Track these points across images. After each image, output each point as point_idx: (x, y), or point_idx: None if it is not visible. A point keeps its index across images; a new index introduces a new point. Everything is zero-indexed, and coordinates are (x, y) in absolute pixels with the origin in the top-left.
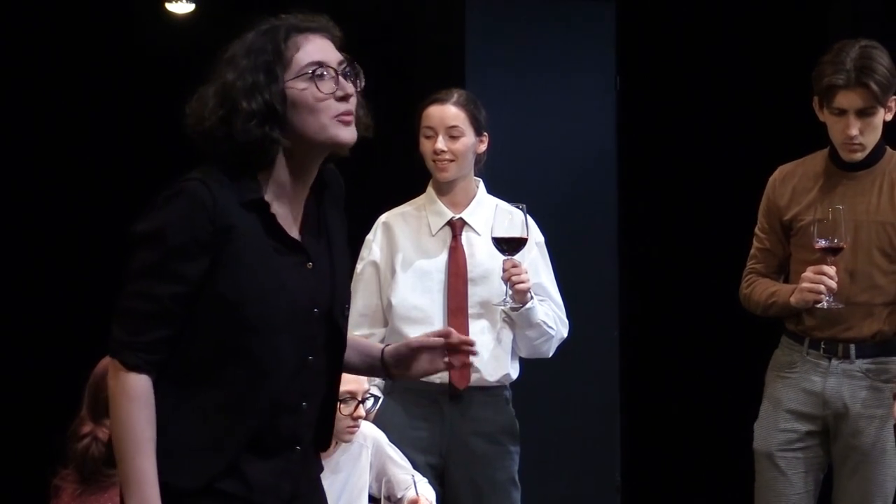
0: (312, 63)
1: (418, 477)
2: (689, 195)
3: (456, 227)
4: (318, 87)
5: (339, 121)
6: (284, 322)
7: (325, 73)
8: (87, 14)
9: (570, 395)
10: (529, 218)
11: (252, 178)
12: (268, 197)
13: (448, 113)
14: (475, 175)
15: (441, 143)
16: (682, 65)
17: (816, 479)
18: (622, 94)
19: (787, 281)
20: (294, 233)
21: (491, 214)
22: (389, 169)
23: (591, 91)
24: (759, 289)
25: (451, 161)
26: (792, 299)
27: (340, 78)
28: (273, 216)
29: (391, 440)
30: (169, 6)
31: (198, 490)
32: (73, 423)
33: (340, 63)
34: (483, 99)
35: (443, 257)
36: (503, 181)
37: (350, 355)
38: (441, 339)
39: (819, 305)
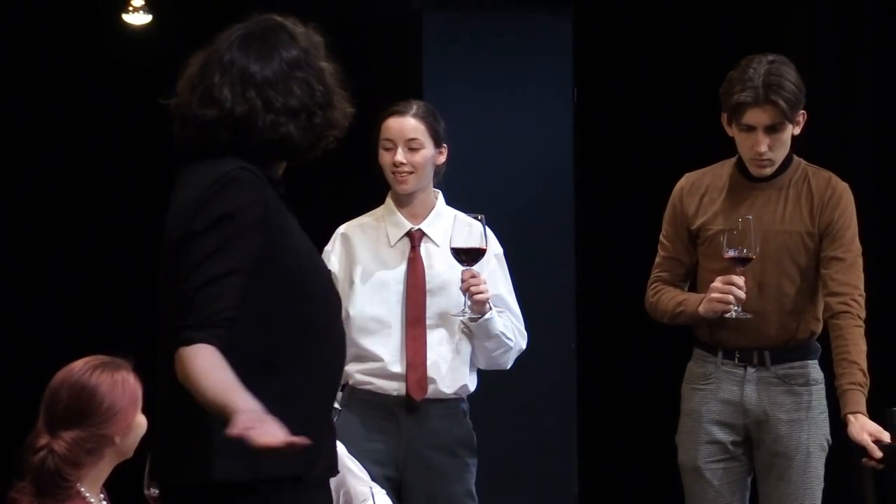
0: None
1: (377, 489)
2: (646, 207)
3: (415, 239)
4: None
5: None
6: (333, 290)
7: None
8: (45, 25)
9: (527, 406)
10: (488, 229)
11: (269, 166)
12: None
13: (407, 125)
14: (434, 186)
15: (400, 156)
16: (639, 77)
17: (744, 487)
18: (579, 107)
19: (693, 289)
20: None
21: (450, 226)
22: (348, 180)
23: (548, 103)
24: (666, 297)
25: (411, 173)
26: (700, 309)
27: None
28: (285, 198)
29: (348, 452)
30: (126, 17)
31: (295, 477)
32: (30, 437)
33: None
34: (441, 111)
35: (401, 268)
36: (462, 193)
37: None
38: None
39: (727, 315)
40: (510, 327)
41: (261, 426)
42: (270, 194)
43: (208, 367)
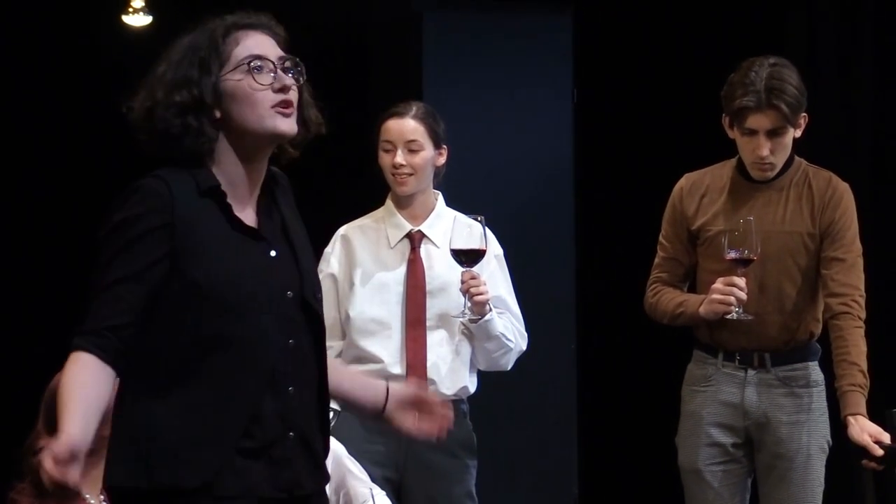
0: (250, 56)
1: (377, 490)
2: (646, 207)
3: (415, 240)
4: (254, 79)
5: (277, 111)
6: (264, 302)
7: (262, 65)
8: (44, 25)
9: (527, 406)
10: (488, 230)
11: (207, 170)
12: (223, 188)
13: (407, 127)
14: (434, 188)
15: (400, 157)
16: (639, 77)
17: (745, 489)
18: (579, 107)
19: (692, 290)
20: (251, 223)
21: (450, 227)
22: (348, 182)
23: (548, 103)
24: (666, 298)
25: (411, 175)
26: (701, 310)
27: (279, 71)
28: (230, 205)
29: (347, 453)
30: (126, 19)
31: (198, 489)
32: (30, 438)
33: (281, 59)
34: (441, 112)
35: (401, 269)
36: (462, 193)
37: (342, 382)
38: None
39: (729, 316)
40: (510, 328)
41: (58, 466)
42: (188, 202)
43: (68, 379)
